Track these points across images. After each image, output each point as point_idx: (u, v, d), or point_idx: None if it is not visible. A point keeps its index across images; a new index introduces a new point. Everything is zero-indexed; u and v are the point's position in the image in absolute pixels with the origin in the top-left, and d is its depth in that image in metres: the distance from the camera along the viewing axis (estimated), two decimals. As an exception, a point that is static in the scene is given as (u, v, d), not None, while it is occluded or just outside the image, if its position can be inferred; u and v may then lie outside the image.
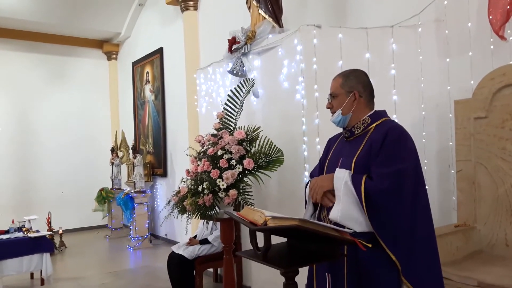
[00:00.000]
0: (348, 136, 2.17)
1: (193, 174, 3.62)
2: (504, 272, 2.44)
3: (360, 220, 1.91)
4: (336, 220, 1.93)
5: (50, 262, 5.28)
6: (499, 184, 2.79)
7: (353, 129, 2.15)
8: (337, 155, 2.19)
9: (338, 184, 1.96)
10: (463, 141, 3.01)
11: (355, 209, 1.91)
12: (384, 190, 1.88)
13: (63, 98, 9.32)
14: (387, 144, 1.96)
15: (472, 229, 2.89)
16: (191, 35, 6.64)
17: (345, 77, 2.19)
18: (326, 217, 2.04)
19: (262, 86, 4.01)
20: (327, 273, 2.05)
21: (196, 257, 4.43)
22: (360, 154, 2.02)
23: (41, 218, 6.67)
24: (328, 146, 2.36)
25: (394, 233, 1.88)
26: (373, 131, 2.08)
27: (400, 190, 1.90)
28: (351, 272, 1.97)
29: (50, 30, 8.91)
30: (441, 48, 3.42)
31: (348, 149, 2.13)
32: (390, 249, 1.88)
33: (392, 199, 1.88)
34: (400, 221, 1.89)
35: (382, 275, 1.92)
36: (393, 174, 1.90)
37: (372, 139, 2.03)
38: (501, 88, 2.80)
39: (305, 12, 4.63)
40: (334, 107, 2.19)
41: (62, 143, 9.17)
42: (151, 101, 8.34)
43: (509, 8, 2.80)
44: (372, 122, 2.11)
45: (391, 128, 2.03)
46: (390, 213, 1.88)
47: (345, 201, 1.92)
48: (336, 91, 2.19)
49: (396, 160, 1.93)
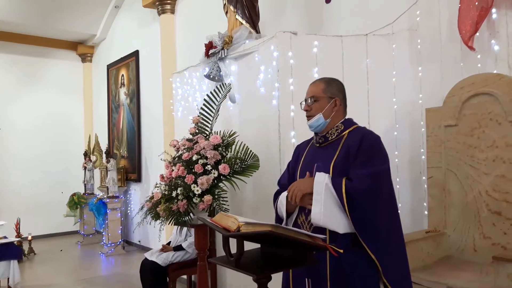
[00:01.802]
0: (322, 142, 2.21)
1: (167, 179, 3.57)
2: (472, 277, 2.50)
3: (342, 221, 1.96)
4: (318, 223, 1.97)
5: (18, 270, 5.10)
6: (468, 190, 2.87)
7: (327, 135, 2.19)
8: (310, 161, 2.21)
9: (319, 188, 1.99)
10: (434, 148, 3.08)
11: (337, 211, 1.97)
12: (364, 190, 1.95)
13: (35, 100, 9.08)
14: (364, 148, 2.04)
15: (442, 235, 2.95)
16: (168, 39, 6.60)
17: (327, 83, 2.23)
18: (305, 222, 2.07)
19: (239, 91, 4.01)
20: (307, 278, 2.06)
21: (169, 264, 4.36)
22: (337, 159, 2.08)
23: (9, 224, 6.46)
24: (298, 153, 2.38)
25: (374, 233, 1.95)
26: (347, 137, 2.14)
27: (378, 191, 1.99)
28: (334, 275, 1.99)
29: (23, 30, 8.68)
30: (414, 57, 3.51)
31: (323, 154, 2.17)
32: (371, 249, 1.93)
33: (371, 199, 1.96)
34: (379, 220, 1.97)
35: (364, 276, 1.97)
36: (372, 175, 1.98)
37: (348, 144, 2.09)
38: (470, 97, 2.88)
39: (282, 19, 4.67)
40: (313, 111, 2.20)
41: (33, 146, 8.92)
42: (126, 104, 8.22)
43: (477, 20, 2.89)
44: (345, 129, 2.18)
45: (366, 133, 2.12)
46: (371, 212, 1.95)
47: (327, 204, 1.97)
48: (318, 95, 2.21)
49: (374, 162, 2.02)
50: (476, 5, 2.90)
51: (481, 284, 2.37)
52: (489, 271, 2.46)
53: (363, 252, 1.95)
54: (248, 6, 4.08)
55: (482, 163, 2.80)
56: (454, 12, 3.10)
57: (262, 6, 4.27)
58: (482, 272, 2.57)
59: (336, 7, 4.02)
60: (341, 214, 1.97)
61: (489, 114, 2.78)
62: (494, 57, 2.97)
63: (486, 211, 2.76)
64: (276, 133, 3.46)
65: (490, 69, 2.95)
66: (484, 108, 2.81)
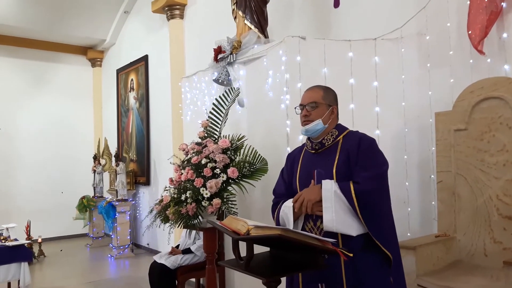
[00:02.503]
0: (318, 148, 2.26)
1: (176, 182, 3.59)
2: (482, 282, 2.48)
3: (355, 224, 2.03)
4: (332, 229, 2.02)
5: (28, 272, 5.14)
6: (478, 195, 2.85)
7: (323, 140, 2.25)
8: (307, 167, 2.25)
9: (328, 196, 2.04)
10: (443, 152, 3.07)
11: (348, 215, 2.03)
12: (372, 190, 2.05)
13: (45, 104, 9.19)
14: (363, 150, 2.14)
15: (452, 239, 2.93)
16: (177, 44, 6.65)
17: (325, 91, 2.30)
18: (314, 228, 2.11)
19: (247, 96, 4.03)
20: (320, 283, 2.08)
21: (178, 267, 4.38)
22: (338, 163, 2.15)
23: (20, 227, 6.52)
24: (292, 160, 2.41)
25: (385, 231, 2.07)
26: (343, 141, 2.22)
27: (383, 190, 2.11)
28: (350, 279, 2.03)
29: (33, 36, 8.80)
30: (423, 61, 3.50)
31: (321, 160, 2.23)
32: (386, 247, 2.04)
33: (378, 199, 2.08)
34: (388, 219, 2.11)
35: (378, 273, 2.06)
36: (376, 176, 2.08)
37: (346, 149, 2.17)
38: (479, 101, 2.87)
39: (290, 23, 4.68)
40: (312, 116, 2.24)
41: (43, 150, 9.02)
42: (135, 108, 8.29)
43: (487, 24, 2.88)
44: (340, 134, 2.26)
45: (362, 137, 2.21)
46: (379, 211, 2.07)
47: (338, 210, 2.02)
48: (318, 101, 2.26)
49: (375, 164, 2.12)
50: (486, 9, 2.89)
51: (492, 289, 2.36)
52: (500, 276, 2.44)
53: (376, 251, 2.03)
54: (256, 11, 4.11)
55: (492, 167, 2.78)
56: (463, 16, 3.10)
57: (271, 11, 4.29)
58: (492, 277, 2.54)
59: (344, 11, 4.03)
60: (352, 218, 2.03)
61: (499, 118, 2.77)
62: (504, 61, 2.95)
63: (496, 216, 2.74)
64: (285, 137, 3.47)
65: (500, 73, 2.94)
66: (494, 112, 2.79)
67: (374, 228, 2.02)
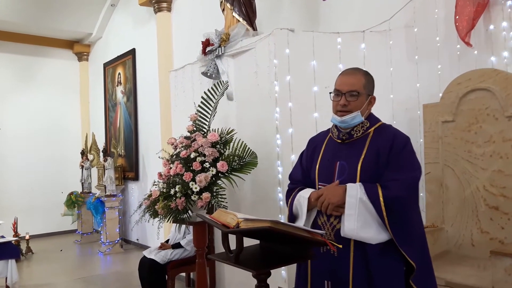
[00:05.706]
0: (345, 139, 2.05)
1: (165, 177, 3.57)
2: (470, 272, 2.51)
3: (376, 233, 1.87)
4: (351, 236, 1.88)
5: (16, 269, 5.08)
6: (465, 186, 2.88)
7: (352, 131, 2.03)
8: (331, 158, 2.06)
9: (352, 202, 1.87)
10: (431, 144, 3.09)
11: (372, 224, 1.87)
12: (402, 197, 1.87)
13: (31, 99, 9.01)
14: (397, 151, 1.94)
15: (440, 230, 2.96)
16: (164, 37, 6.58)
17: (366, 78, 2.05)
18: (326, 223, 1.98)
19: (236, 89, 4.00)
20: (326, 280, 1.97)
21: (168, 262, 4.36)
22: (365, 159, 1.95)
23: (7, 224, 6.43)
24: (314, 147, 2.18)
25: (412, 239, 1.88)
26: (373, 135, 2.01)
27: (413, 198, 1.93)
28: (358, 280, 1.90)
29: (18, 29, 8.62)
30: (411, 53, 3.51)
31: (346, 152, 2.02)
32: (412, 258, 1.85)
33: (409, 205, 1.90)
34: (417, 225, 1.92)
35: (393, 280, 1.88)
36: (409, 182, 1.90)
37: (377, 145, 1.97)
38: (467, 93, 2.89)
39: (279, 16, 4.66)
40: (351, 106, 1.99)
41: (29, 146, 8.87)
42: (123, 103, 8.20)
43: (474, 16, 2.90)
44: (371, 126, 2.04)
45: (396, 134, 2.02)
46: (410, 218, 1.88)
47: (361, 219, 1.86)
48: (359, 90, 2.00)
49: (409, 168, 1.93)
50: (473, 1, 2.90)
51: (479, 278, 2.39)
52: (487, 266, 2.47)
53: (396, 258, 1.88)
54: (244, 4, 4.08)
55: (479, 159, 2.81)
56: (450, 8, 3.10)
57: (259, 3, 4.26)
58: (480, 266, 2.58)
59: (333, 4, 4.02)
60: (376, 226, 1.87)
61: (486, 110, 2.79)
62: (491, 53, 2.97)
63: (483, 206, 2.77)
64: (274, 130, 3.47)
65: (487, 65, 2.96)
66: (481, 103, 2.81)
67: (400, 237, 1.84)
